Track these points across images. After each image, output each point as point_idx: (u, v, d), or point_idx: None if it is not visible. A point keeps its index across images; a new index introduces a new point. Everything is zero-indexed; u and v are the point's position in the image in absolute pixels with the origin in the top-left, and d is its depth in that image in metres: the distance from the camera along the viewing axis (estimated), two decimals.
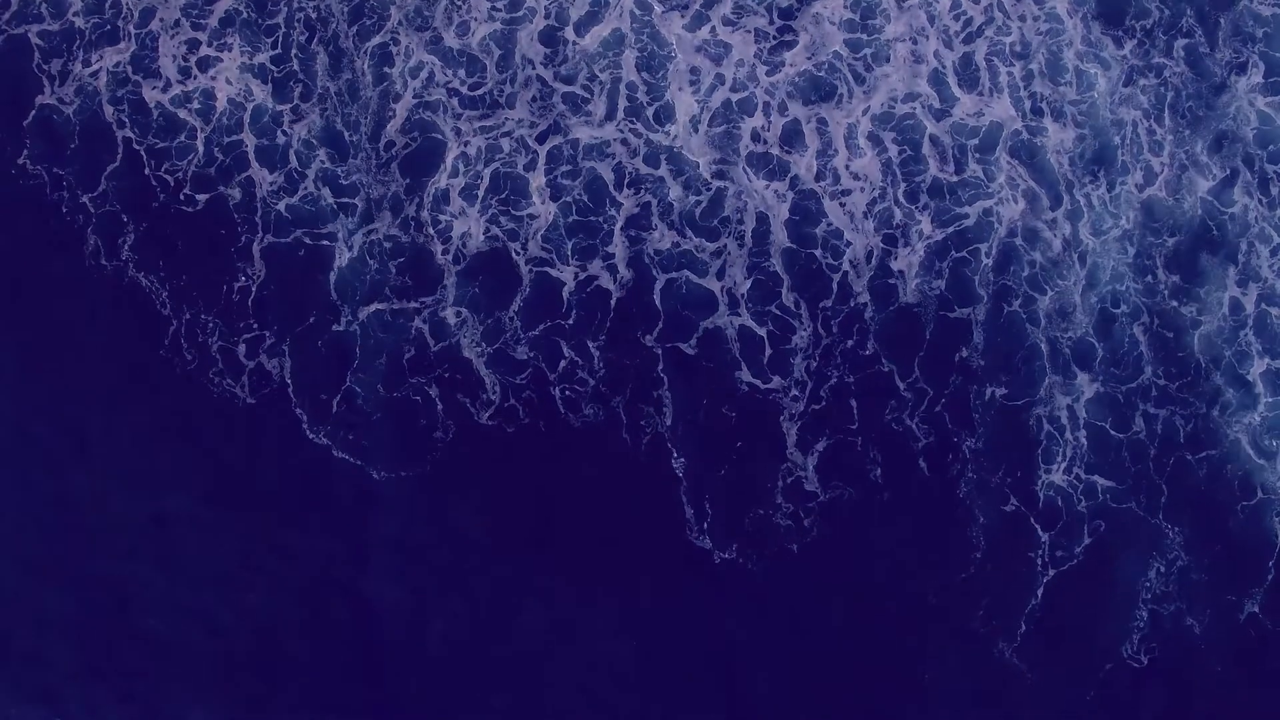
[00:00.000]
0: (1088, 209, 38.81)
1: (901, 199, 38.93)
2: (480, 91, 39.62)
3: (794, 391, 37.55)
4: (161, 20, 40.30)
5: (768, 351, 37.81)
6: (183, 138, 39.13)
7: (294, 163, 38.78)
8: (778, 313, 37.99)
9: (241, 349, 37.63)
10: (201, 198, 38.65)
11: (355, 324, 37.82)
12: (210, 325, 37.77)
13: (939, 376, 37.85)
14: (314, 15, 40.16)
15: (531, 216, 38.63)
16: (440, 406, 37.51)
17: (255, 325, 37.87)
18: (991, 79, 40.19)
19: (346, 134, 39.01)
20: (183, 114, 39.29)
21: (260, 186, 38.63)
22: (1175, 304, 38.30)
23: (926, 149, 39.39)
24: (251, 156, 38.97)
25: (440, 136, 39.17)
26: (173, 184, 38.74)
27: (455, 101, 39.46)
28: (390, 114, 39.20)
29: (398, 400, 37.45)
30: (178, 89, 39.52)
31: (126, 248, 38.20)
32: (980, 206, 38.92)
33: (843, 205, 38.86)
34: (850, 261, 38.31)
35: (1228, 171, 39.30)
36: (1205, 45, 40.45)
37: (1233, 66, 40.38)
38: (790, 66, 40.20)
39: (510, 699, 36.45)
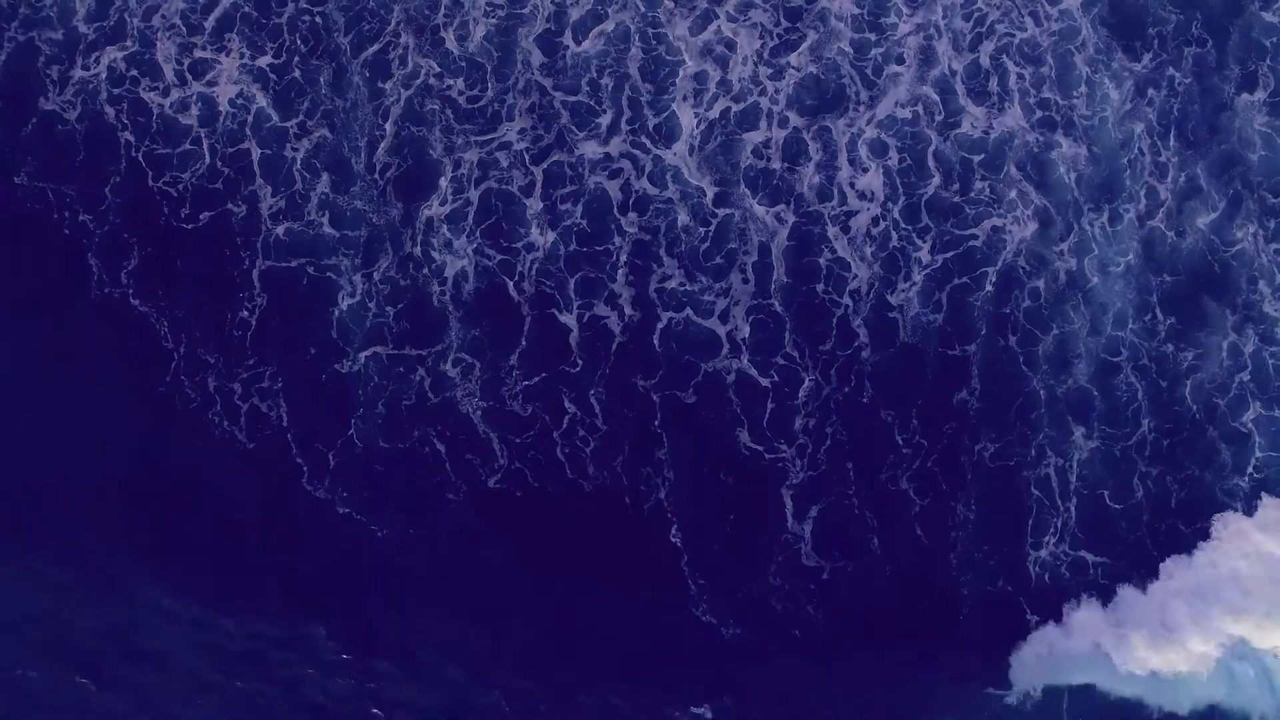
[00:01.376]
0: (1094, 242, 38.37)
1: (905, 221, 38.51)
2: (479, 104, 39.13)
3: (795, 461, 37.35)
4: (164, 17, 39.86)
5: (769, 407, 37.58)
6: (187, 144, 38.82)
7: (298, 184, 38.45)
8: (781, 361, 37.73)
9: (239, 388, 37.47)
10: (205, 215, 38.37)
11: (356, 366, 37.64)
12: (211, 362, 37.63)
13: (936, 427, 37.65)
14: (319, 22, 39.61)
15: (530, 247, 38.30)
16: (446, 464, 37.32)
17: (255, 362, 37.65)
18: (1001, 86, 39.61)
19: (351, 160, 38.61)
20: (185, 119, 38.96)
21: (263, 202, 38.31)
22: (1173, 348, 38.03)
23: (932, 165, 38.90)
24: (256, 168, 38.64)
25: (436, 155, 38.75)
26: (175, 196, 38.45)
27: (451, 114, 38.97)
28: (386, 134, 38.75)
29: (400, 455, 37.30)
30: (180, 92, 39.17)
31: (127, 273, 38.03)
32: (988, 225, 38.51)
33: (846, 230, 38.42)
34: (851, 294, 38.01)
35: (1230, 194, 38.84)
36: (1214, 58, 39.86)
37: (1240, 81, 39.81)
38: (796, 70, 39.65)
39: None
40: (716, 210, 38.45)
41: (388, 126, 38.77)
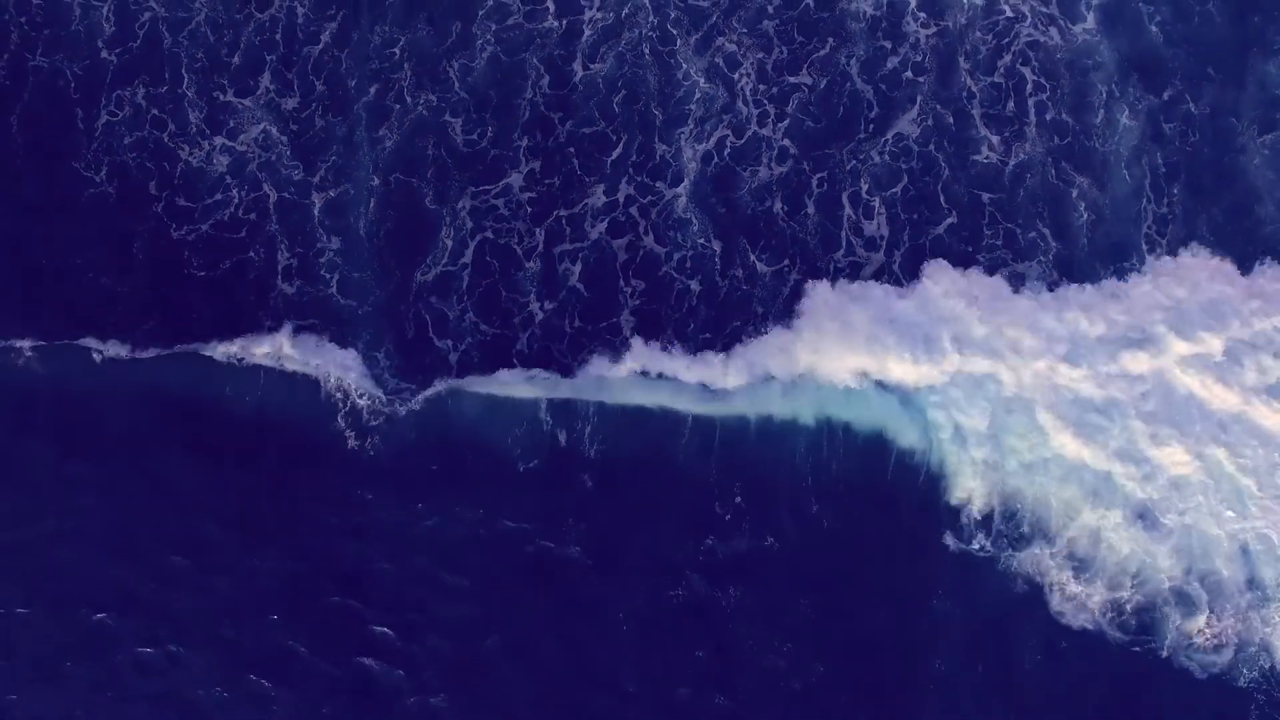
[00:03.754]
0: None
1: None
2: (478, 147, 38.94)
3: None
4: (187, 43, 39.66)
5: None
6: (217, 196, 38.70)
7: (315, 244, 38.34)
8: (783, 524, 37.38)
9: (251, 464, 37.21)
10: (225, 262, 38.19)
11: (364, 448, 37.49)
12: (223, 433, 37.48)
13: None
14: (341, 70, 39.33)
15: (529, 320, 38.03)
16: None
17: (263, 438, 37.44)
18: (1019, 107, 39.20)
19: (359, 225, 38.63)
20: (209, 168, 38.79)
21: (280, 256, 38.25)
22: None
23: (943, 200, 38.80)
24: (272, 210, 38.67)
25: (430, 203, 38.68)
26: (193, 241, 38.29)
27: (448, 154, 38.88)
28: (379, 183, 38.64)
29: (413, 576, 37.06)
30: (205, 144, 39.00)
31: (144, 331, 37.74)
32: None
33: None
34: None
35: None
36: (1232, 97, 39.44)
37: (1254, 121, 39.40)
38: (807, 88, 39.26)
39: None
40: (721, 279, 38.37)
41: (376, 176, 38.64)
